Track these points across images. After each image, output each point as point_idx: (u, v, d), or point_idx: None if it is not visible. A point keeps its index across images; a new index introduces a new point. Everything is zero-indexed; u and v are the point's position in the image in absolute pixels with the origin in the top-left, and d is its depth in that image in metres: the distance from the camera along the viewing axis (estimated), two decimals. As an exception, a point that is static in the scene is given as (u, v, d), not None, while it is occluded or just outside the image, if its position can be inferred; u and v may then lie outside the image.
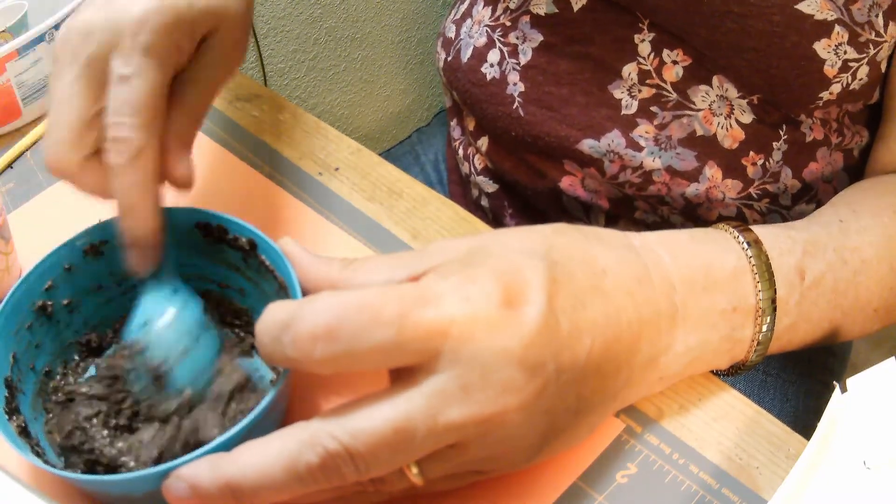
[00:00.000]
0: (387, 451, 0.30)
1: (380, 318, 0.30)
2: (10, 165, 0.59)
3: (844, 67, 0.52)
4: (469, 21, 0.67)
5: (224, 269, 0.43)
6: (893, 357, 0.36)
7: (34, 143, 0.61)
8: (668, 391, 0.42)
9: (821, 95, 0.53)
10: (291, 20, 1.36)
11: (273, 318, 0.31)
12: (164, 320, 0.37)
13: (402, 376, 0.32)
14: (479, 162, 0.69)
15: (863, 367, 0.36)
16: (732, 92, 0.56)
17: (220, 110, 0.61)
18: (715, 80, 0.56)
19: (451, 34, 0.69)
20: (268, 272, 0.40)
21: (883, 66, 0.54)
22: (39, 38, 0.61)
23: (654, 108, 0.57)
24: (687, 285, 0.38)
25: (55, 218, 0.54)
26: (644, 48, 0.56)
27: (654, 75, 0.57)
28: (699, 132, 0.57)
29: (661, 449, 0.39)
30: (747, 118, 0.56)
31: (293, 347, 0.30)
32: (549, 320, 0.32)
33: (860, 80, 0.53)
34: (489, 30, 0.64)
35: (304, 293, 0.37)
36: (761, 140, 0.57)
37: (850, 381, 0.36)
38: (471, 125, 0.68)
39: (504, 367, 0.31)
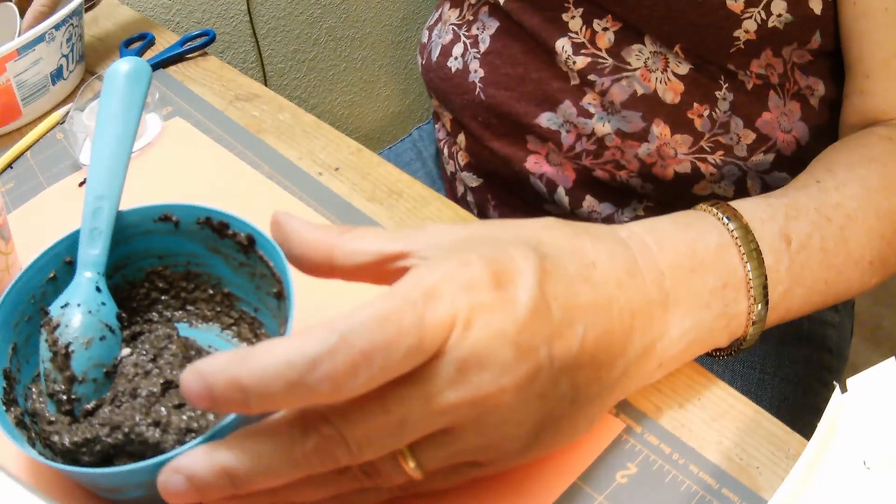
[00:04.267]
0: (379, 433, 0.31)
1: (402, 327, 0.30)
2: (10, 165, 0.59)
3: (752, 1, 0.52)
4: (440, 24, 0.71)
5: (224, 263, 0.43)
6: (893, 357, 0.35)
7: (34, 143, 0.61)
8: (668, 390, 0.42)
9: (736, 35, 0.53)
10: (291, 20, 1.36)
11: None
12: (80, 309, 0.40)
13: None
14: (462, 158, 0.71)
15: (863, 367, 0.36)
16: (664, 47, 0.57)
17: (220, 110, 0.61)
18: (647, 37, 0.57)
19: (426, 39, 0.73)
20: (266, 267, 0.40)
21: (815, 6, 0.53)
22: (39, 38, 0.61)
23: (591, 77, 0.59)
24: (675, 270, 0.38)
25: (55, 218, 0.54)
26: (575, 24, 0.59)
27: (588, 45, 0.59)
28: (640, 91, 0.58)
29: (661, 449, 0.39)
30: (684, 69, 0.57)
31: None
32: (541, 305, 0.32)
33: (779, 16, 0.53)
34: (455, 27, 0.67)
35: (302, 260, 0.36)
36: (702, 89, 0.58)
37: (850, 381, 0.36)
38: (448, 122, 0.71)
39: (499, 349, 0.31)
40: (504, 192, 0.69)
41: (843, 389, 0.36)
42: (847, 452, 0.35)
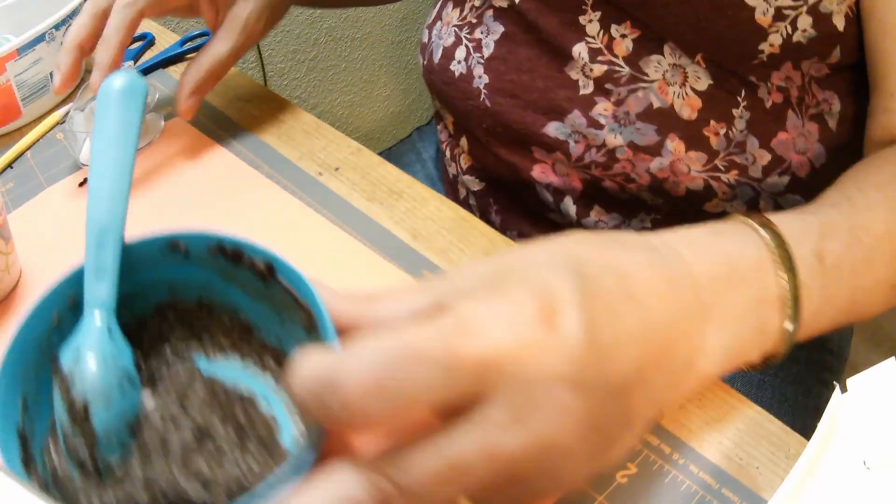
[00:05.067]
0: (441, 487, 0.29)
1: (426, 359, 0.29)
2: (10, 165, 0.59)
3: (779, 16, 0.52)
4: (439, 24, 0.69)
5: (242, 293, 0.39)
6: (893, 357, 0.35)
7: (34, 142, 0.61)
8: (668, 391, 0.42)
9: (761, 48, 0.53)
10: (291, 20, 1.36)
11: (310, 374, 0.29)
12: (94, 360, 0.36)
13: (454, 413, 0.30)
14: (464, 161, 0.70)
15: (863, 367, 0.36)
16: (684, 58, 0.56)
17: (220, 110, 0.61)
18: (666, 48, 0.56)
19: (426, 39, 0.72)
20: (290, 297, 0.37)
21: (838, 22, 0.53)
22: (39, 38, 0.61)
23: (608, 86, 0.58)
24: (712, 281, 0.37)
25: (55, 218, 0.54)
26: (592, 28, 0.58)
27: (605, 52, 0.58)
28: (656, 104, 0.57)
29: (661, 449, 0.39)
30: (703, 85, 0.56)
31: (343, 409, 0.28)
32: (591, 336, 0.31)
33: (804, 31, 0.52)
34: (457, 29, 0.66)
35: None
36: (720, 107, 0.57)
37: (850, 381, 0.36)
38: (450, 125, 0.70)
39: (554, 389, 0.30)
40: (507, 198, 0.68)
41: (843, 389, 0.36)
42: (847, 452, 0.35)
